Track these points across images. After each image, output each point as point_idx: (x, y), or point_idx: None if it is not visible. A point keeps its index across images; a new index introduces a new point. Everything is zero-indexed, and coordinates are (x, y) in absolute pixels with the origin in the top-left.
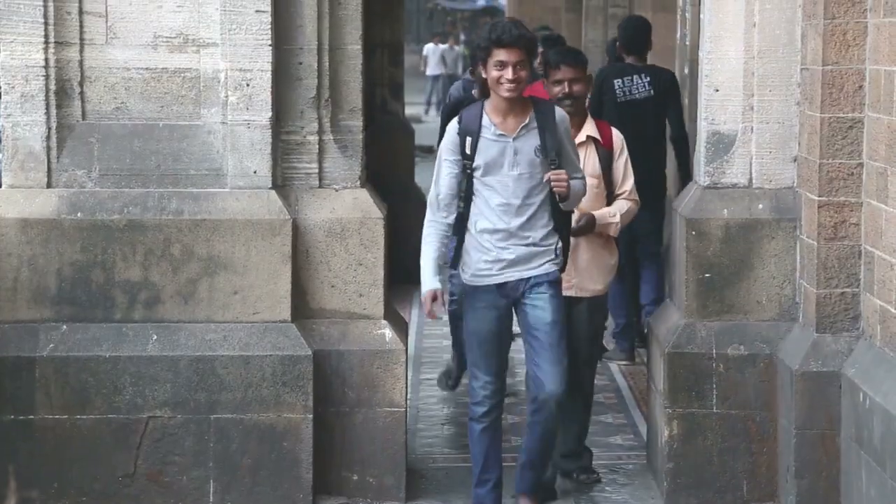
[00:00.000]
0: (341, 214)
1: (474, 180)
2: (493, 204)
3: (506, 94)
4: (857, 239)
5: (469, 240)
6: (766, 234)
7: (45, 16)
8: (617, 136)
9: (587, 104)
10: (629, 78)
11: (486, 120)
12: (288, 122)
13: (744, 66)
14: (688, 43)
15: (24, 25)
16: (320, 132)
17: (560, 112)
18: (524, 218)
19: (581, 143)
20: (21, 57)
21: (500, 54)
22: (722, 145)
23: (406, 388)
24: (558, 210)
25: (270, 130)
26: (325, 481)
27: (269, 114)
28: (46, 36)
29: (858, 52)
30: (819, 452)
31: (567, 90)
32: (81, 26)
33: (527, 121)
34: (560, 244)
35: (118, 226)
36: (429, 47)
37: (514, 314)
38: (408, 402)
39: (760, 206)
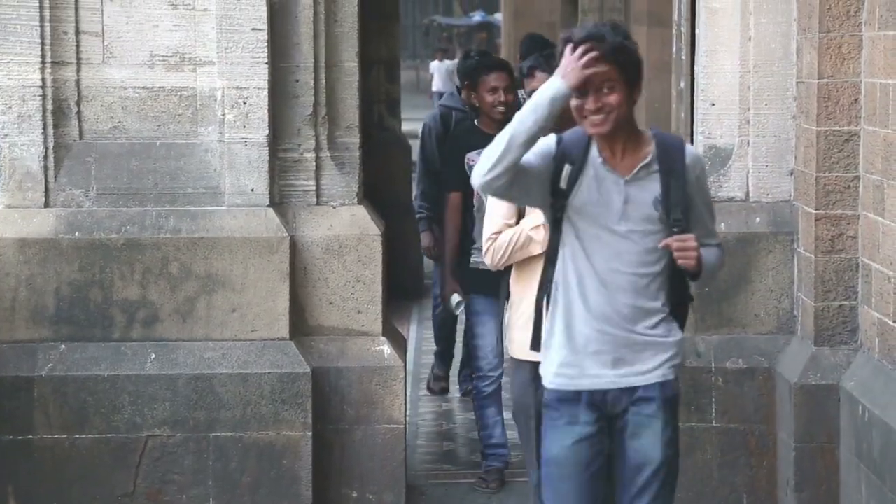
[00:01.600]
0: (339, 231)
1: (565, 230)
2: (590, 269)
3: (592, 131)
4: (855, 252)
5: (552, 319)
6: (763, 248)
7: (42, 35)
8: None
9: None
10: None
11: (593, 150)
12: (285, 140)
13: (740, 80)
14: (683, 57)
15: (21, 45)
16: (317, 149)
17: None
18: (631, 295)
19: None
20: (18, 77)
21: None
22: (718, 159)
23: (405, 404)
24: (679, 288)
25: (267, 148)
26: (324, 499)
27: (266, 131)
28: (43, 56)
29: (854, 66)
30: (818, 466)
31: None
32: (78, 46)
33: (647, 160)
34: (681, 337)
35: (116, 245)
36: (434, 64)
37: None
38: (407, 418)
39: (758, 219)
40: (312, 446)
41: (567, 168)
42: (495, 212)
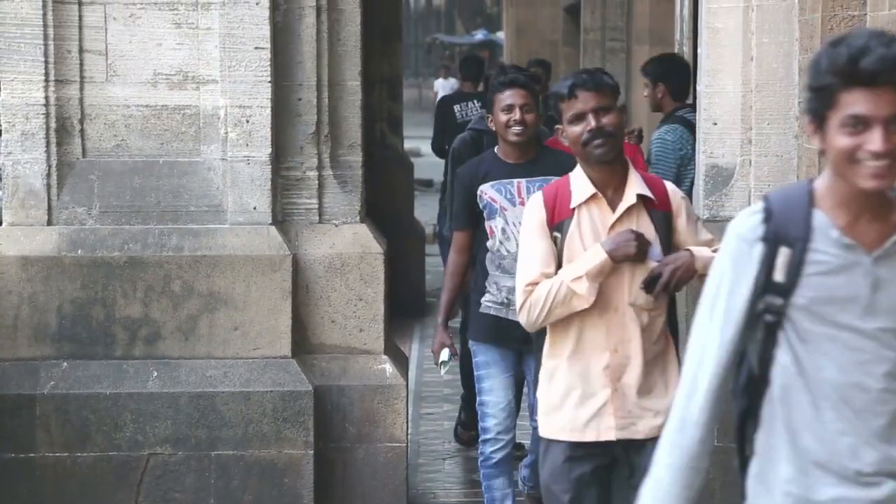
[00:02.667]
0: (341, 249)
1: (784, 332)
2: (825, 386)
3: (871, 184)
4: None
5: (768, 438)
6: None
7: (46, 54)
8: (674, 191)
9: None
10: (465, 103)
11: (820, 217)
12: (287, 158)
13: (742, 99)
14: None
15: (25, 64)
16: (320, 168)
17: None
18: (884, 422)
19: (630, 209)
20: (21, 95)
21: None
22: (721, 178)
23: (407, 423)
24: None
25: (270, 166)
26: None
27: (269, 150)
28: (47, 74)
29: None
30: None
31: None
32: (81, 64)
33: None
34: None
35: (118, 263)
36: (438, 82)
37: None
38: (409, 437)
39: None
40: (314, 465)
41: (784, 252)
42: (530, 257)
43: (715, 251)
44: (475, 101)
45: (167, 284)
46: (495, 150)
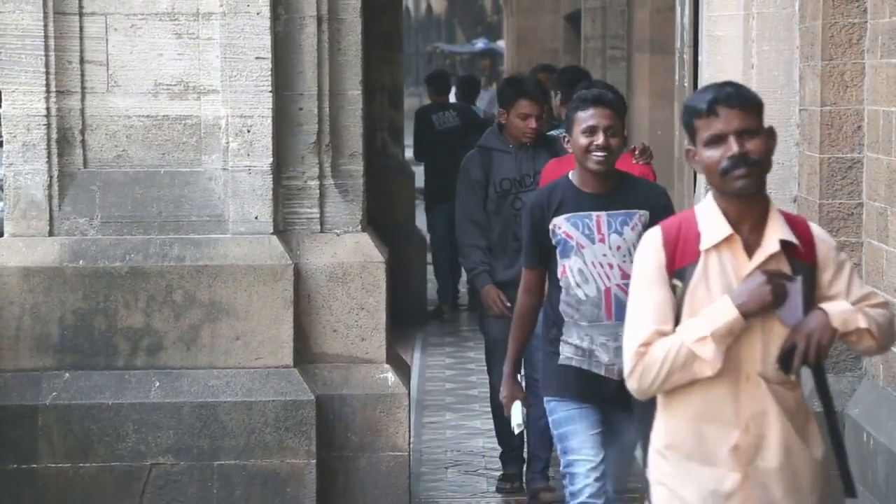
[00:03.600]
0: (343, 259)
1: None
2: None
3: None
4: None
5: None
6: None
7: (47, 65)
8: (821, 237)
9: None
10: (441, 113)
11: None
12: (289, 168)
13: None
14: (686, 84)
15: (26, 75)
16: (321, 177)
17: None
18: None
19: (772, 257)
20: (23, 106)
21: None
22: None
23: (409, 431)
24: None
25: (271, 176)
26: None
27: (270, 159)
28: (48, 85)
29: (856, 93)
30: None
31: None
32: (83, 75)
33: None
34: None
35: (120, 273)
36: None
37: None
38: (411, 445)
39: None
40: (317, 474)
41: None
42: (643, 311)
43: (872, 305)
44: (451, 111)
45: (169, 294)
46: (570, 176)
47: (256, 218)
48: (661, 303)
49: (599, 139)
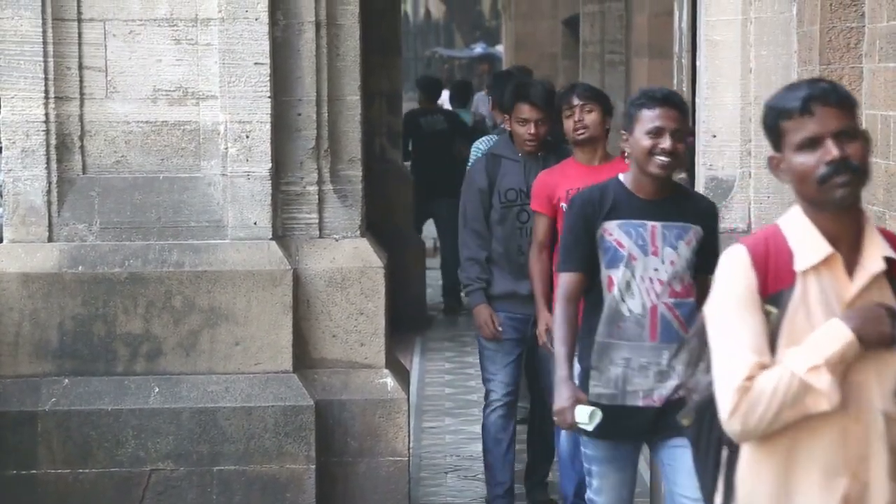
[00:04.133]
0: (342, 264)
1: None
2: None
3: None
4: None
5: None
6: None
7: (46, 71)
8: None
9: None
10: (429, 116)
11: None
12: (288, 173)
13: (741, 111)
14: (685, 89)
15: (25, 81)
16: (320, 182)
17: None
18: None
19: (876, 280)
20: (21, 112)
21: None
22: (720, 190)
23: (408, 436)
24: None
25: (270, 181)
26: None
27: (269, 165)
28: (47, 91)
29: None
30: None
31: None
32: (81, 81)
33: None
34: None
35: (119, 279)
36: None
37: None
38: (410, 451)
39: None
40: (316, 479)
41: None
42: (738, 341)
43: None
44: (438, 115)
45: (168, 300)
46: (621, 178)
47: (255, 223)
48: (758, 331)
49: (666, 143)
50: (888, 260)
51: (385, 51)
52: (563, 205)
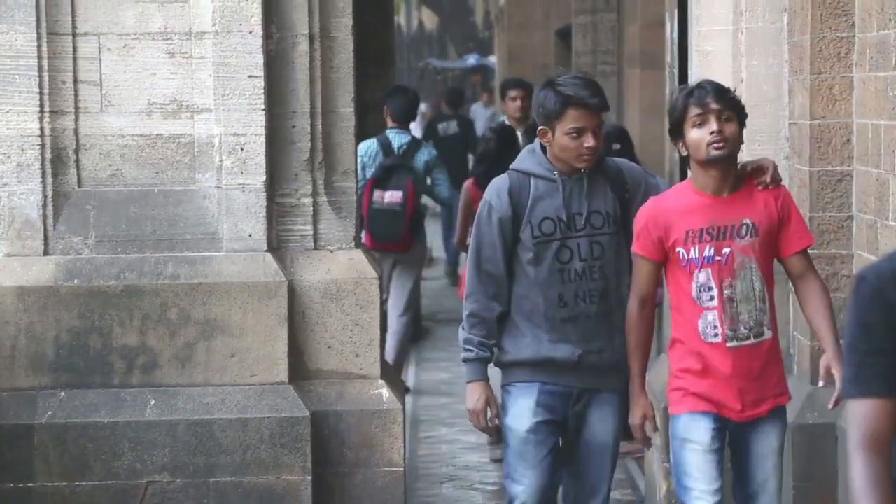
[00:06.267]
0: (337, 275)
1: None
2: None
3: None
4: (849, 291)
5: None
6: None
7: (41, 85)
8: None
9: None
10: (446, 122)
11: None
12: (282, 185)
13: None
14: None
15: (20, 95)
16: (314, 194)
17: None
18: None
19: None
20: (16, 126)
21: None
22: None
23: (404, 447)
24: None
25: (265, 193)
26: None
27: (264, 177)
28: (41, 105)
29: (845, 107)
30: None
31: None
32: (76, 95)
33: None
34: None
35: (115, 292)
36: (476, 108)
37: None
38: (406, 461)
39: None
40: (312, 490)
41: None
42: None
43: None
44: (454, 121)
45: (164, 313)
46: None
47: (250, 235)
48: None
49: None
50: None
51: (379, 63)
52: (680, 249)
